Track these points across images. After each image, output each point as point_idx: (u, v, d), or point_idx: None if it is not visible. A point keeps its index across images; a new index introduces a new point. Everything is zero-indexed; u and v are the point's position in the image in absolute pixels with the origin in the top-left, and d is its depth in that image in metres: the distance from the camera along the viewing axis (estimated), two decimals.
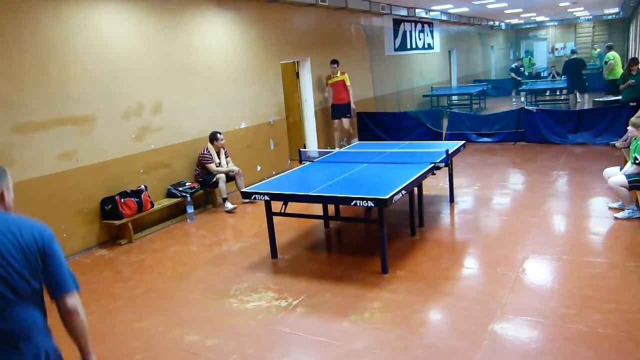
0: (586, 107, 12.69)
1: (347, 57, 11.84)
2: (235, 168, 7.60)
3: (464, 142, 7.00)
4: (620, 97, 10.47)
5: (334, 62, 10.45)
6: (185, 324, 4.12)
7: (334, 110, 10.73)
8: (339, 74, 10.46)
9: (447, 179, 6.75)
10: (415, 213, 5.72)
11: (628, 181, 5.53)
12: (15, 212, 2.09)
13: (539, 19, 25.76)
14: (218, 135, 7.42)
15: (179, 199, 7.04)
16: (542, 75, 21.28)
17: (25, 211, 5.43)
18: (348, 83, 10.53)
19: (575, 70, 13.50)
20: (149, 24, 6.90)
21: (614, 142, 9.24)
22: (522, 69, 19.34)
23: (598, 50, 22.57)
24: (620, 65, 13.15)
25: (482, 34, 23.35)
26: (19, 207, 5.88)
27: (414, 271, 4.75)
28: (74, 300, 2.01)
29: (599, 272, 4.45)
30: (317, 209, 6.59)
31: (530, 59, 22.23)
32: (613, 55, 13.23)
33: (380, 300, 4.24)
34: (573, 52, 15.64)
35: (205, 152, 7.38)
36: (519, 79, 18.12)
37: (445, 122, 11.16)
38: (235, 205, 7.30)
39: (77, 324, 2.03)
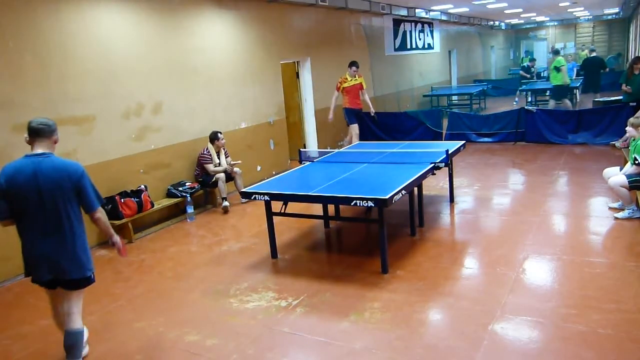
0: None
1: (347, 57, 11.79)
2: (232, 162, 7.59)
3: (464, 142, 7.00)
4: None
5: (356, 64, 9.80)
6: (185, 324, 4.13)
7: (351, 114, 9.97)
8: (356, 77, 9.84)
9: (447, 179, 6.75)
10: (415, 213, 5.71)
11: (628, 181, 5.53)
12: None
13: (539, 19, 25.77)
14: (219, 135, 7.42)
15: (179, 199, 7.04)
16: (542, 75, 21.27)
17: None
18: (365, 86, 10.05)
19: (594, 70, 13.50)
20: (149, 24, 6.90)
21: (614, 142, 9.25)
22: (533, 69, 19.07)
23: (585, 51, 22.54)
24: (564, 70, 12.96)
25: (482, 34, 23.34)
26: None
27: (414, 271, 4.75)
28: (97, 214, 3.38)
29: (599, 272, 4.45)
30: (317, 209, 6.59)
31: (530, 59, 22.19)
32: (562, 62, 13.13)
33: (380, 300, 4.24)
34: (592, 50, 15.73)
35: (205, 152, 7.37)
36: (528, 76, 18.04)
37: (445, 122, 11.15)
38: (227, 204, 7.30)
39: (100, 224, 3.43)
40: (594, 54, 14.83)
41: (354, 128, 10.09)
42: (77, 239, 3.30)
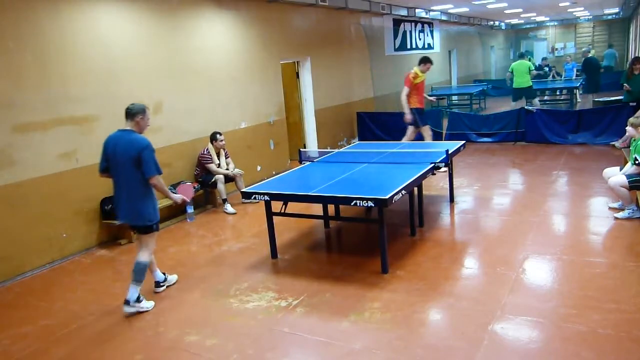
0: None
1: (347, 57, 11.84)
2: (238, 171, 7.58)
3: (464, 142, 7.00)
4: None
5: (430, 60, 9.01)
6: (185, 324, 4.13)
7: (422, 114, 9.00)
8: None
9: (447, 179, 6.75)
10: (415, 213, 5.72)
11: (628, 181, 5.53)
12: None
13: (539, 19, 25.78)
14: (218, 135, 7.42)
15: None
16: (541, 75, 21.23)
17: (25, 210, 5.44)
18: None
19: (593, 70, 13.58)
20: (149, 24, 6.90)
21: (614, 142, 9.25)
22: (547, 68, 18.51)
23: (582, 49, 22.52)
24: (527, 73, 12.71)
25: (482, 34, 23.34)
26: (18, 207, 5.85)
27: (414, 271, 4.75)
28: (153, 180, 4.23)
29: (599, 272, 4.45)
30: (317, 209, 6.59)
31: (529, 59, 22.13)
32: (512, 67, 13.06)
33: (380, 300, 4.24)
34: (587, 51, 15.79)
35: (205, 152, 7.37)
36: (541, 73, 17.89)
37: (445, 122, 11.16)
38: (235, 211, 7.26)
39: (158, 188, 4.32)
40: (589, 55, 14.79)
41: (427, 129, 9.18)
42: (139, 196, 4.26)
